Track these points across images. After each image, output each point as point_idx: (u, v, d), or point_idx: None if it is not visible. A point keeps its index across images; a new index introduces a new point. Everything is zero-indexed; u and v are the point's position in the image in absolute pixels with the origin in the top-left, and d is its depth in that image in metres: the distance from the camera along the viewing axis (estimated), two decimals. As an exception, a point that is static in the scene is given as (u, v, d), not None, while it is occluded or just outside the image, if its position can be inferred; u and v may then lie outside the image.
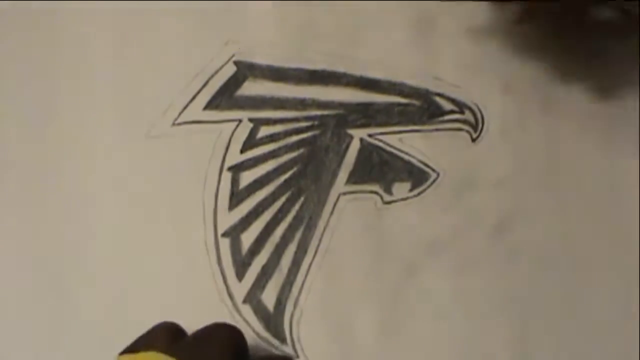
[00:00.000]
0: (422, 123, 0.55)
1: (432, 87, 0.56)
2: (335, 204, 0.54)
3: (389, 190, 0.54)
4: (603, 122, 0.55)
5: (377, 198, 0.54)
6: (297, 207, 0.54)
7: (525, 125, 0.55)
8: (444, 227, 0.54)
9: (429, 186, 0.54)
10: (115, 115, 0.56)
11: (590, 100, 0.55)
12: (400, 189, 0.54)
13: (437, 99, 0.55)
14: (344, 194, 0.54)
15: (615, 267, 0.54)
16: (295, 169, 0.55)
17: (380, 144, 0.55)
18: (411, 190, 0.54)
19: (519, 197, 0.54)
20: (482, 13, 0.56)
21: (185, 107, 0.56)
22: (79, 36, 0.57)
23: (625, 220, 0.54)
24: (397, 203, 0.54)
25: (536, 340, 0.53)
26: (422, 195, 0.54)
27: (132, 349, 0.49)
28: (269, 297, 0.54)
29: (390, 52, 0.55)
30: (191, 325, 0.52)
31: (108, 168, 0.55)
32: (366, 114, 0.55)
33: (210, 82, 0.56)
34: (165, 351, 0.47)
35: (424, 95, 0.55)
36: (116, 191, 0.55)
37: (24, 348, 0.54)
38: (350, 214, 0.54)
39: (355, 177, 0.55)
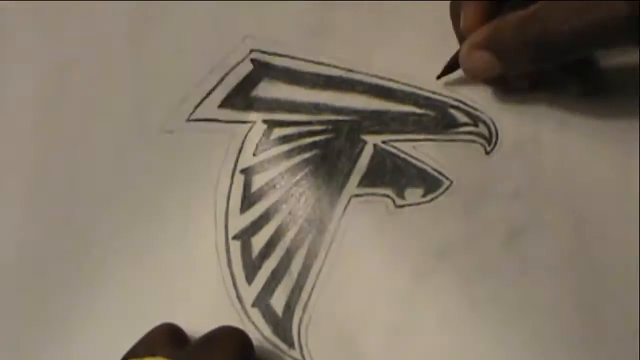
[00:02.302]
0: (437, 133, 0.56)
1: (448, 99, 0.56)
2: (346, 206, 0.54)
3: (401, 195, 0.54)
4: (617, 137, 0.55)
5: (389, 201, 0.54)
6: (308, 209, 0.54)
7: (539, 141, 0.55)
8: (456, 234, 0.54)
9: (442, 193, 0.54)
10: (130, 104, 0.57)
11: (604, 116, 0.55)
12: (413, 194, 0.54)
13: (452, 111, 0.56)
14: (356, 196, 0.54)
15: (629, 282, 0.52)
16: (307, 170, 0.55)
17: (394, 151, 0.55)
18: (424, 196, 0.54)
19: (532, 209, 0.54)
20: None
21: (200, 103, 0.56)
22: (96, 23, 0.58)
23: (638, 236, 0.53)
24: (410, 207, 0.54)
25: (544, 351, 0.52)
26: (435, 201, 0.54)
27: (134, 353, 0.48)
28: (278, 301, 0.53)
29: (408, 61, 0.56)
30: (199, 327, 0.51)
31: (120, 161, 0.56)
32: (381, 121, 0.55)
33: (226, 79, 0.56)
34: (170, 356, 0.46)
35: (439, 107, 0.56)
36: (127, 186, 0.55)
37: (28, 345, 0.53)
38: (362, 216, 0.54)
39: (368, 180, 0.55)
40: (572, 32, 0.49)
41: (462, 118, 0.56)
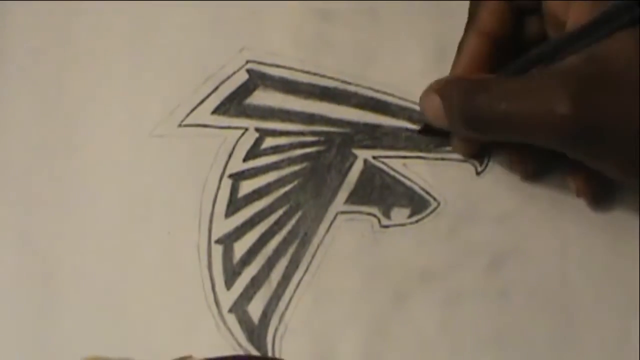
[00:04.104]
0: (428, 150, 0.55)
1: (442, 116, 0.55)
2: (332, 222, 0.54)
3: (387, 215, 0.54)
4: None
5: (375, 221, 0.54)
6: (293, 221, 0.54)
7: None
8: (438, 258, 0.54)
9: (428, 215, 0.54)
10: (122, 109, 0.56)
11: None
12: (399, 214, 0.54)
13: (446, 128, 0.55)
14: (342, 213, 0.54)
15: (613, 317, 0.52)
16: (295, 182, 0.54)
17: (384, 167, 0.54)
18: (410, 216, 0.54)
19: (518, 234, 0.54)
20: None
21: (193, 109, 0.55)
22: (95, 28, 0.57)
23: (626, 270, 0.53)
24: (394, 228, 0.54)
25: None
26: (421, 223, 0.54)
27: None
28: (255, 309, 0.53)
29: (404, 76, 0.55)
30: (174, 328, 0.52)
31: (108, 162, 0.55)
32: (373, 136, 0.55)
33: (221, 87, 0.56)
34: None
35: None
36: (114, 186, 0.55)
37: (9, 345, 0.53)
38: (346, 234, 0.54)
39: (355, 197, 0.54)
40: (505, 113, 0.49)
41: (456, 136, 0.55)
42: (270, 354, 0.52)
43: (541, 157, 0.53)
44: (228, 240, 0.54)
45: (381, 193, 0.54)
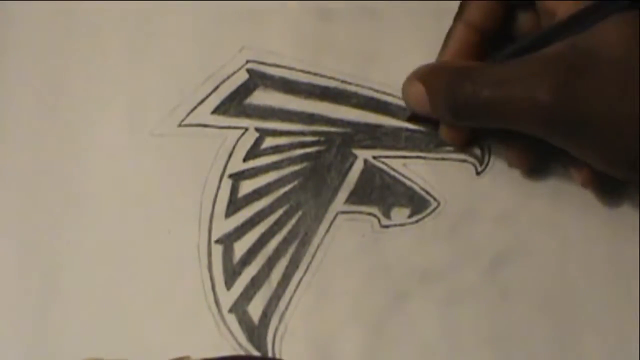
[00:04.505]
0: (428, 150, 0.55)
1: (442, 115, 0.55)
2: (332, 222, 0.54)
3: (387, 215, 0.54)
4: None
5: (375, 221, 0.54)
6: (293, 221, 0.54)
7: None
8: (438, 258, 0.54)
9: (428, 214, 0.54)
10: (122, 108, 0.56)
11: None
12: (399, 214, 0.54)
13: (446, 128, 0.55)
14: (342, 212, 0.54)
15: (613, 317, 0.53)
16: (295, 182, 0.54)
17: (384, 167, 0.54)
18: (410, 216, 0.54)
19: (519, 234, 0.54)
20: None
21: (193, 109, 0.55)
22: (95, 28, 0.57)
23: (626, 269, 0.53)
24: (395, 228, 0.54)
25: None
26: (420, 222, 0.54)
27: None
28: (255, 309, 0.53)
29: (404, 76, 0.55)
30: (174, 328, 0.52)
31: (108, 162, 0.55)
32: (373, 136, 0.55)
33: (221, 87, 0.56)
34: None
35: (433, 123, 0.55)
36: (114, 186, 0.55)
37: (9, 345, 0.53)
38: (346, 233, 0.54)
39: (355, 197, 0.54)
40: (488, 100, 0.49)
41: (457, 136, 0.55)
42: (270, 354, 0.52)
43: (541, 150, 0.52)
44: (228, 240, 0.54)
45: (381, 193, 0.54)
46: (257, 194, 0.54)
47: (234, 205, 0.54)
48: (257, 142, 0.55)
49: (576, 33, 0.48)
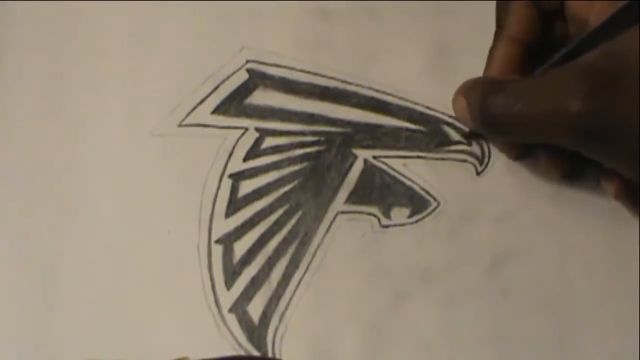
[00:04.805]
0: (429, 150, 0.55)
1: (443, 115, 0.55)
2: (332, 222, 0.54)
3: (387, 214, 0.54)
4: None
5: (375, 221, 0.54)
6: (293, 221, 0.54)
7: (532, 162, 0.55)
8: (438, 258, 0.53)
9: (428, 214, 0.54)
10: (122, 108, 0.56)
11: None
12: (399, 214, 0.54)
13: (446, 128, 0.55)
14: (342, 212, 0.54)
15: (613, 317, 0.52)
16: (295, 182, 0.54)
17: (384, 167, 0.54)
18: (410, 216, 0.54)
19: (519, 234, 0.54)
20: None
21: (193, 109, 0.55)
22: (95, 28, 0.58)
23: (626, 269, 0.53)
24: (395, 228, 0.54)
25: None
26: (421, 222, 0.54)
27: None
28: (255, 309, 0.53)
29: (404, 76, 0.55)
30: (173, 327, 0.52)
31: (109, 162, 0.55)
32: (373, 136, 0.55)
33: (221, 87, 0.56)
34: None
35: (434, 123, 0.55)
36: (114, 186, 0.55)
37: (9, 345, 0.53)
38: (346, 233, 0.54)
39: (355, 197, 0.54)
40: (520, 113, 0.49)
41: (456, 136, 0.55)
42: (270, 354, 0.52)
43: (576, 158, 0.52)
44: (228, 240, 0.54)
45: (381, 193, 0.54)
46: (257, 194, 0.54)
47: (234, 205, 0.54)
48: (257, 142, 0.55)
49: (607, 40, 0.48)
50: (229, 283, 0.53)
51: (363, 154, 0.55)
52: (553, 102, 0.48)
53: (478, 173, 0.55)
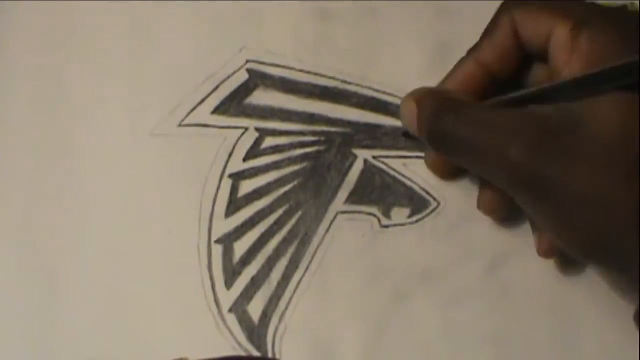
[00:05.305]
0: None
1: (442, 116, 0.55)
2: (332, 222, 0.54)
3: (387, 215, 0.54)
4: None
5: (375, 221, 0.54)
6: (293, 221, 0.54)
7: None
8: (438, 258, 0.53)
9: (428, 214, 0.54)
10: (122, 108, 0.56)
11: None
12: (399, 214, 0.54)
13: (446, 128, 0.55)
14: (342, 213, 0.54)
15: (613, 317, 0.52)
16: (295, 182, 0.54)
17: (384, 167, 0.54)
18: (410, 216, 0.54)
19: (519, 234, 0.54)
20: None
21: (193, 109, 0.55)
22: (95, 28, 0.58)
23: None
24: (395, 228, 0.54)
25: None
26: (421, 222, 0.54)
27: None
28: (255, 309, 0.53)
29: (404, 76, 0.55)
30: (173, 327, 0.52)
31: (108, 162, 0.55)
32: (373, 136, 0.55)
33: (221, 87, 0.56)
34: None
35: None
36: (114, 186, 0.55)
37: (9, 345, 0.53)
38: (346, 234, 0.54)
39: (355, 197, 0.54)
40: (464, 138, 0.49)
41: (456, 136, 0.55)
42: (270, 354, 0.52)
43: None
44: (228, 240, 0.54)
45: (381, 193, 0.54)
46: (257, 194, 0.54)
47: (234, 205, 0.54)
48: (257, 142, 0.55)
49: (572, 99, 0.47)
50: (229, 283, 0.53)
51: (363, 154, 0.55)
52: (496, 142, 0.47)
53: (478, 173, 0.55)
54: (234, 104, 0.56)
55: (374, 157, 0.55)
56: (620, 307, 0.52)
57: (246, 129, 0.55)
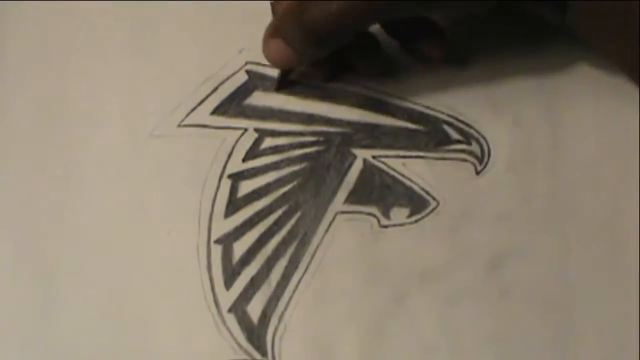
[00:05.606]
0: (428, 150, 0.55)
1: (442, 115, 0.55)
2: (331, 222, 0.54)
3: (387, 214, 0.54)
4: (614, 166, 0.54)
5: (374, 221, 0.54)
6: (292, 221, 0.54)
7: (532, 162, 0.55)
8: (438, 257, 0.53)
9: (427, 214, 0.54)
10: (122, 109, 0.57)
11: (604, 141, 0.55)
12: (399, 214, 0.54)
13: (446, 127, 0.55)
14: (342, 212, 0.54)
15: (613, 317, 0.52)
16: (295, 182, 0.54)
17: (383, 167, 0.54)
18: (409, 216, 0.54)
19: (518, 233, 0.54)
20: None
21: (192, 110, 0.56)
22: (95, 28, 0.58)
23: (626, 268, 0.53)
24: (394, 228, 0.54)
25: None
26: (420, 222, 0.54)
27: None
28: (254, 309, 0.53)
29: (404, 76, 0.55)
30: (173, 328, 0.52)
31: (108, 162, 0.56)
32: (372, 135, 0.55)
33: (221, 88, 0.56)
34: None
35: (433, 122, 0.55)
36: (114, 186, 0.55)
37: (9, 345, 0.53)
38: (346, 234, 0.54)
39: (355, 197, 0.54)
40: (339, 8, 0.49)
41: (455, 135, 0.55)
42: (269, 354, 0.52)
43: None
44: (227, 241, 0.54)
45: (381, 192, 0.54)
46: (257, 194, 0.54)
47: (233, 205, 0.54)
48: (257, 142, 0.55)
49: None
50: (228, 283, 0.53)
51: (362, 154, 0.55)
52: None
53: (477, 172, 0.55)
54: (233, 104, 0.56)
55: (373, 157, 0.55)
56: (621, 307, 0.52)
57: (245, 130, 0.55)
